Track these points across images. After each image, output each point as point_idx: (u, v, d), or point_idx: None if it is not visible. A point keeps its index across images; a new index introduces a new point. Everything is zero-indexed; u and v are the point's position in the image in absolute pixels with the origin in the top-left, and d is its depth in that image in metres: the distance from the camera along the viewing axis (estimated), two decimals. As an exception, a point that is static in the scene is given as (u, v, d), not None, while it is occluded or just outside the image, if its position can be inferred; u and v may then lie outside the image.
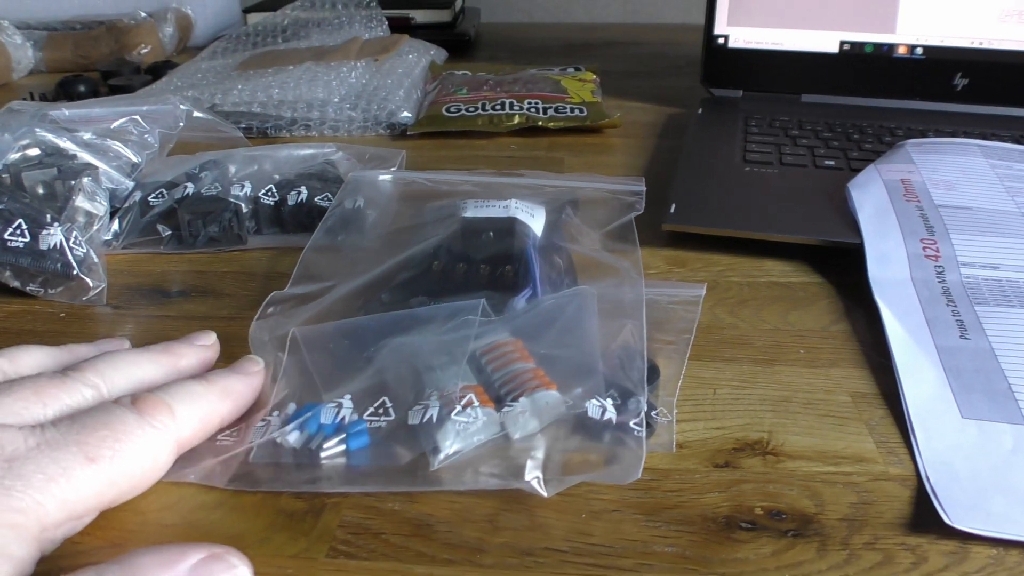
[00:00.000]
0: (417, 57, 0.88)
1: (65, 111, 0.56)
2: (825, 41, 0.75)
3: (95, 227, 0.49)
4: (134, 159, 0.55)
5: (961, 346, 0.40)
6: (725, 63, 0.77)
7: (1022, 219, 0.49)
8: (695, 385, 0.38)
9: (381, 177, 0.58)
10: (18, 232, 0.46)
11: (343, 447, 0.33)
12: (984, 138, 0.63)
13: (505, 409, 0.34)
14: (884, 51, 0.74)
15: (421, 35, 1.00)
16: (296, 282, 0.46)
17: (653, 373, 0.37)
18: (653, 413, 0.35)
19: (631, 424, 0.33)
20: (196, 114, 0.62)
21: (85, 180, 0.50)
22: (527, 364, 0.36)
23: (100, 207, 0.50)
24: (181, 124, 0.60)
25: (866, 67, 0.74)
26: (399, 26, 1.02)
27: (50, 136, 0.52)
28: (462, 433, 0.34)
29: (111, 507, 0.29)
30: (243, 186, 0.54)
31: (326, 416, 0.34)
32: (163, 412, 0.30)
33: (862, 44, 0.74)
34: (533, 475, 0.31)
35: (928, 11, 0.72)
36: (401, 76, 0.80)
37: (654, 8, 1.27)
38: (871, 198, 0.51)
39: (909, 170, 0.54)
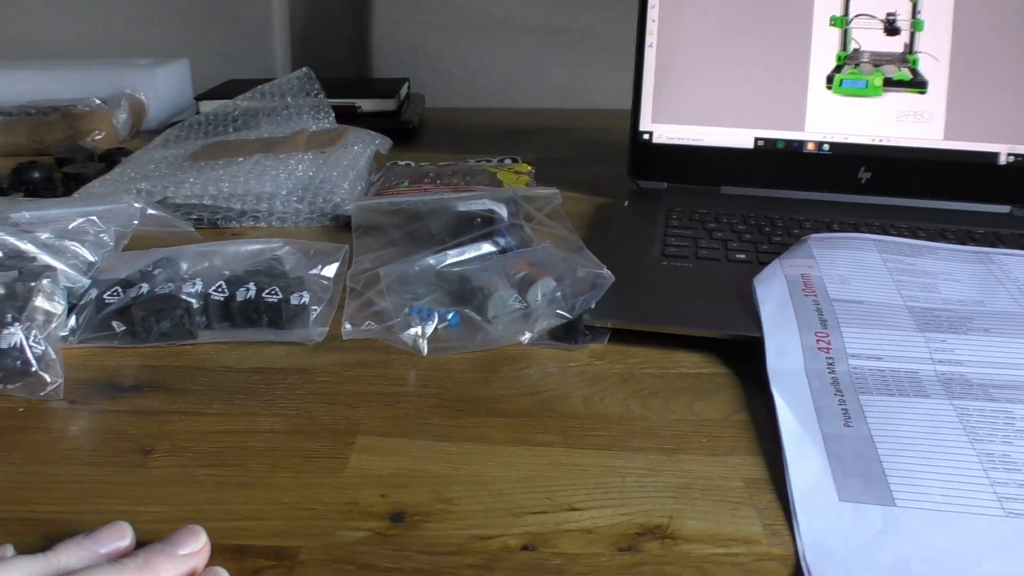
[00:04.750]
0: (362, 148, 0.92)
1: (26, 213, 0.59)
2: (741, 137, 0.81)
3: (53, 325, 0.53)
4: (90, 258, 0.58)
5: (844, 433, 0.44)
6: (650, 157, 0.83)
7: (905, 312, 0.54)
8: (606, 473, 0.42)
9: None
10: (-17, 333, 0.50)
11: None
12: (884, 229, 0.69)
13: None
14: (795, 147, 0.80)
15: (367, 123, 1.04)
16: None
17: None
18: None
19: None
20: (149, 211, 0.66)
21: (44, 281, 0.53)
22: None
23: (58, 306, 0.53)
24: (135, 222, 0.64)
25: (779, 161, 0.80)
26: (346, 114, 1.07)
27: (11, 239, 0.55)
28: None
29: None
30: (195, 283, 0.57)
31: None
32: None
33: (775, 140, 0.80)
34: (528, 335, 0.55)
35: (833, 111, 0.79)
36: (346, 168, 0.85)
37: (587, 94, 1.33)
38: (773, 293, 0.56)
39: (809, 265, 0.60)
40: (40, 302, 0.52)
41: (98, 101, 1.10)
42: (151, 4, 1.36)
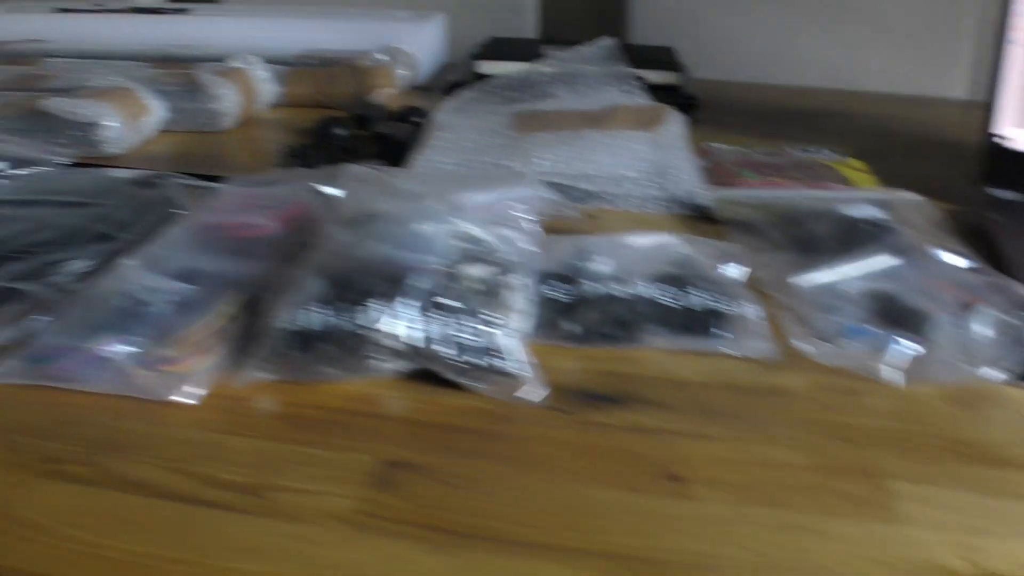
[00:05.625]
0: (679, 128, 0.89)
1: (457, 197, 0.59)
2: (1115, 153, 0.76)
3: (523, 322, 0.52)
4: (529, 248, 0.57)
5: None
6: (1008, 164, 0.79)
7: None
8: None
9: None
10: (470, 330, 0.49)
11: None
12: None
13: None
14: None
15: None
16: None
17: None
18: None
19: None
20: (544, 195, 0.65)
21: (517, 276, 0.52)
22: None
23: (528, 303, 0.53)
24: (542, 206, 0.63)
25: None
26: (630, 86, 1.04)
27: (470, 227, 0.54)
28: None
29: None
30: (635, 283, 0.56)
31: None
32: None
33: None
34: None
35: None
36: (680, 151, 0.82)
37: (852, 75, 1.28)
38: None
39: None
40: (515, 299, 0.52)
41: (382, 56, 1.10)
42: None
